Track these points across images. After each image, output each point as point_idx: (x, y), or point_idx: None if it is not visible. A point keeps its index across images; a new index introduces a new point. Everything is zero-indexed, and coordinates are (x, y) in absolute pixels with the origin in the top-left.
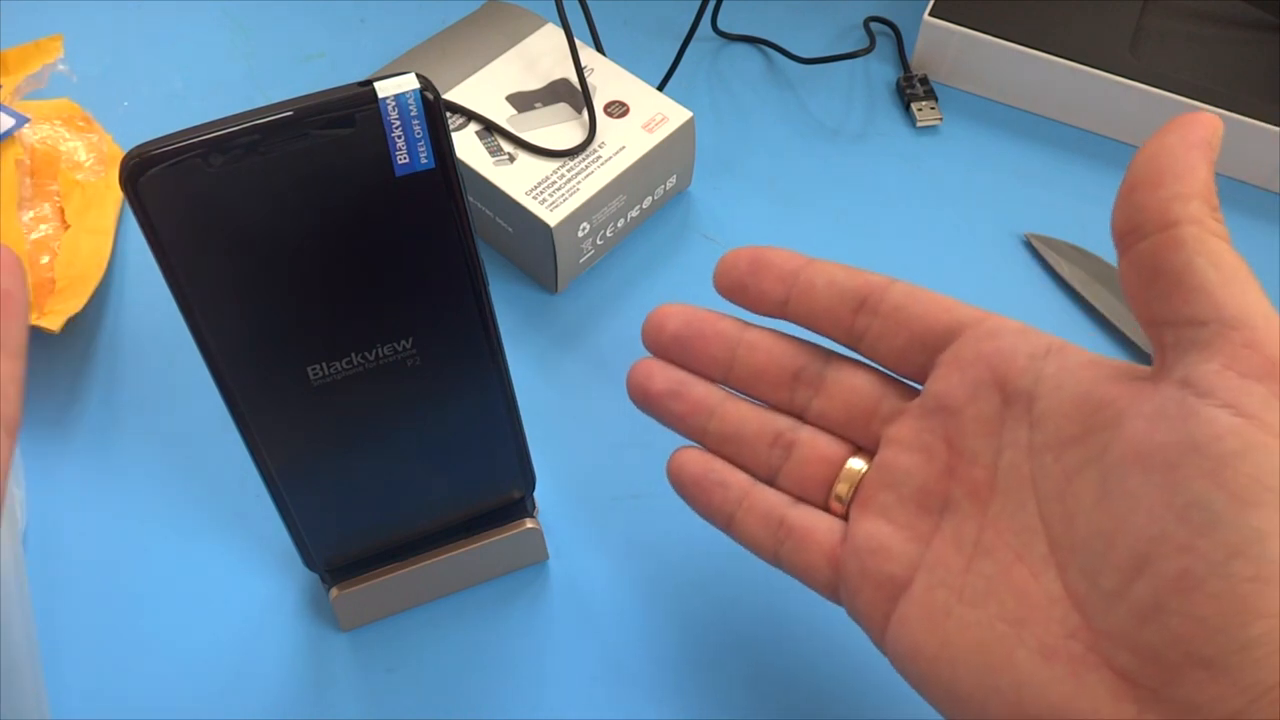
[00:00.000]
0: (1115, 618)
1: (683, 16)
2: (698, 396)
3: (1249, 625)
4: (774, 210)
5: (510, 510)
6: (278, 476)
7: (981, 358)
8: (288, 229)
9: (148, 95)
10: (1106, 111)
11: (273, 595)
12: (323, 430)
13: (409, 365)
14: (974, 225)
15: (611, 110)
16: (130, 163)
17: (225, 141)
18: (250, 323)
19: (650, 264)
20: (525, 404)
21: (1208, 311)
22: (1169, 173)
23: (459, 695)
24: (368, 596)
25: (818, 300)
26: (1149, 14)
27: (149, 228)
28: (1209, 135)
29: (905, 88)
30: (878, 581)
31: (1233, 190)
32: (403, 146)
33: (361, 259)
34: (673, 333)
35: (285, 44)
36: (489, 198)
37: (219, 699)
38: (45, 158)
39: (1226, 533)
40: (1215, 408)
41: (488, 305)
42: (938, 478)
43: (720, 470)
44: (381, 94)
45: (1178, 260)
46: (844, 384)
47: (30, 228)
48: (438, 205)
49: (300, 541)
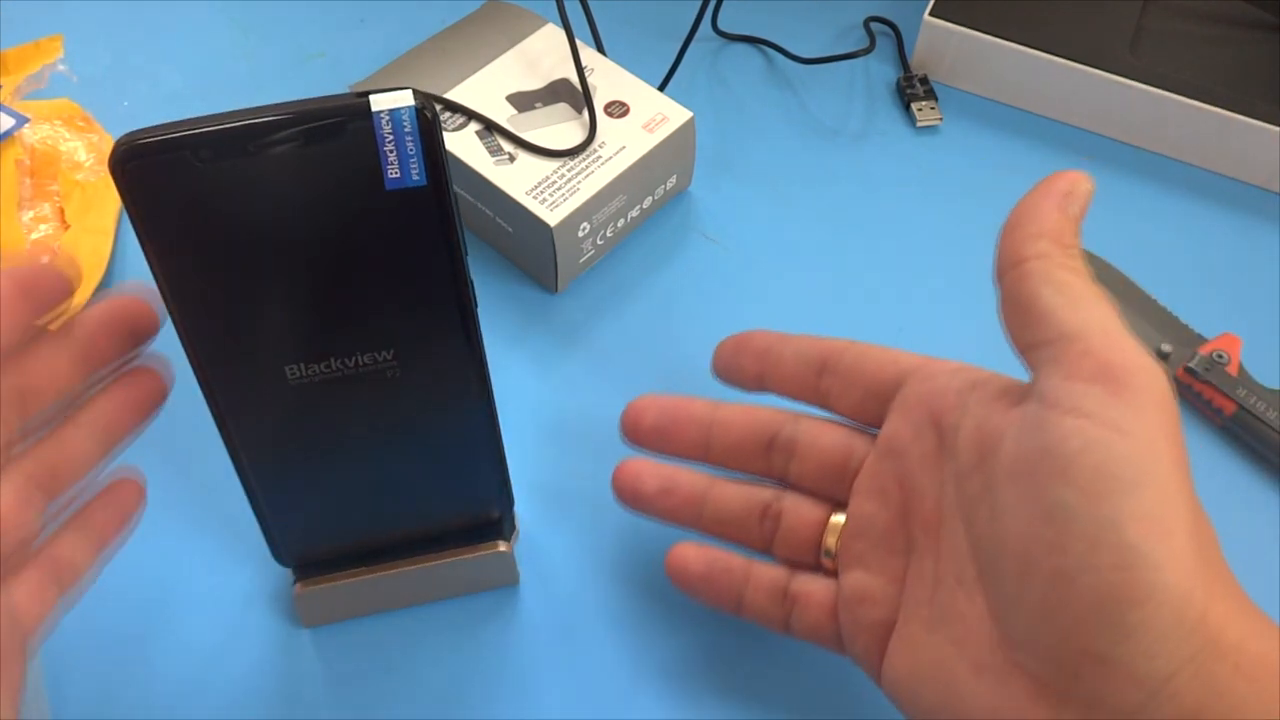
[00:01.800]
0: (1017, 625)
1: (683, 16)
2: (686, 489)
3: (1126, 614)
4: (774, 210)
5: (486, 530)
6: (249, 469)
7: (921, 400)
8: (272, 230)
9: (148, 95)
10: (1106, 111)
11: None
12: (297, 429)
13: (389, 376)
14: (974, 225)
15: (612, 110)
16: (120, 149)
17: (215, 138)
18: (229, 317)
19: (650, 264)
20: (525, 404)
21: (1052, 331)
22: (1025, 218)
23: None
24: (331, 596)
25: (786, 369)
26: (1149, 14)
27: (135, 214)
28: (1069, 187)
29: (905, 88)
30: (867, 627)
31: (1233, 190)
32: (394, 161)
33: (345, 267)
34: (651, 424)
35: (285, 44)
36: (489, 198)
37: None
38: (45, 158)
39: (1084, 526)
40: (1060, 414)
41: (474, 325)
42: (898, 519)
43: (721, 558)
44: (376, 108)
45: (1027, 290)
46: (815, 443)
47: (30, 228)
48: (427, 222)
49: (269, 535)
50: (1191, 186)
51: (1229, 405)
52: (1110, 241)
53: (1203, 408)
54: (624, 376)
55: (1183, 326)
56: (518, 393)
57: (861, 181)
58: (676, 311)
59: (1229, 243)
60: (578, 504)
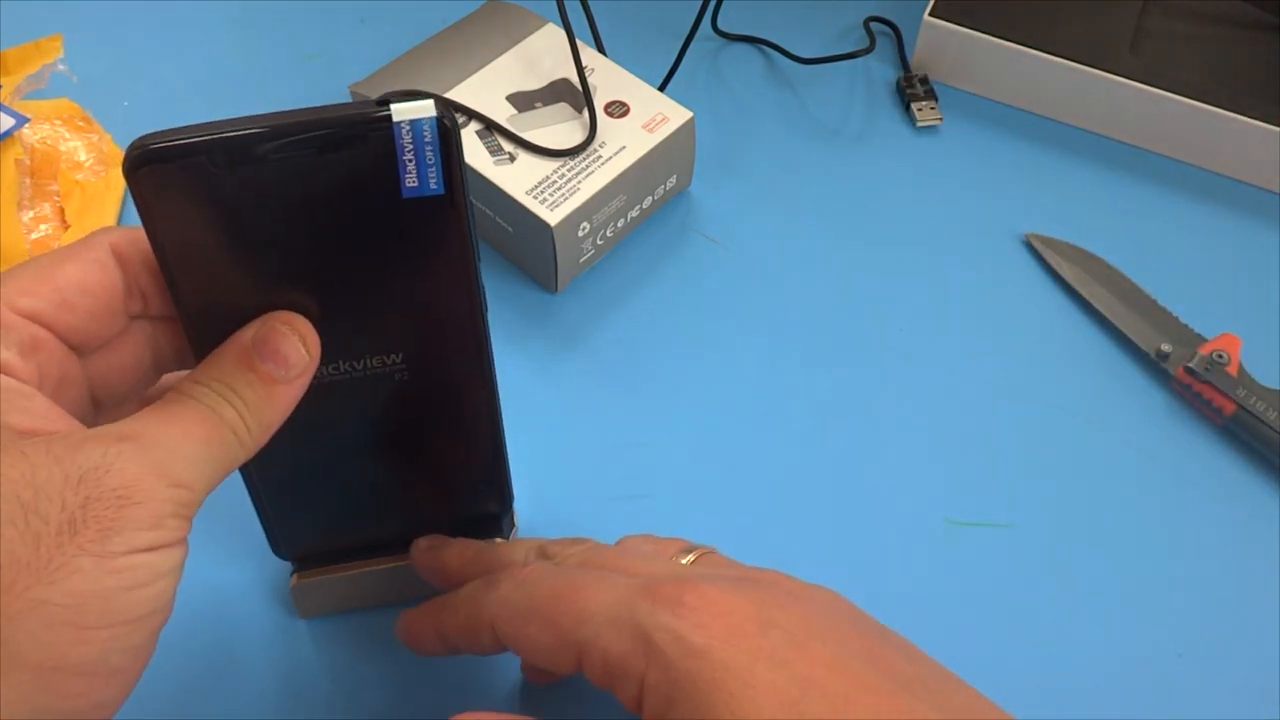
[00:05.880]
0: None
1: (683, 16)
2: None
3: None
4: (774, 210)
5: (485, 526)
6: (251, 464)
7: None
8: (285, 235)
9: (148, 95)
10: (1106, 111)
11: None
12: (301, 428)
13: (396, 378)
14: (974, 225)
15: (612, 110)
16: (134, 153)
17: (232, 144)
18: (239, 321)
19: (650, 264)
20: (525, 404)
21: None
22: None
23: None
24: (328, 588)
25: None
26: (1149, 14)
27: (147, 218)
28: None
29: (905, 88)
30: None
31: (1233, 190)
32: (413, 170)
33: (357, 273)
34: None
35: (285, 44)
36: (489, 197)
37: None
38: (45, 158)
39: None
40: None
41: (484, 332)
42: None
43: None
44: (396, 118)
45: None
46: None
47: (30, 228)
48: (443, 231)
49: (268, 529)
50: (1191, 186)
51: (1229, 405)
52: (1110, 241)
53: (1203, 408)
54: (624, 376)
55: (1183, 326)
56: (517, 392)
57: (861, 181)
58: (676, 311)
59: (1229, 243)
60: (576, 503)
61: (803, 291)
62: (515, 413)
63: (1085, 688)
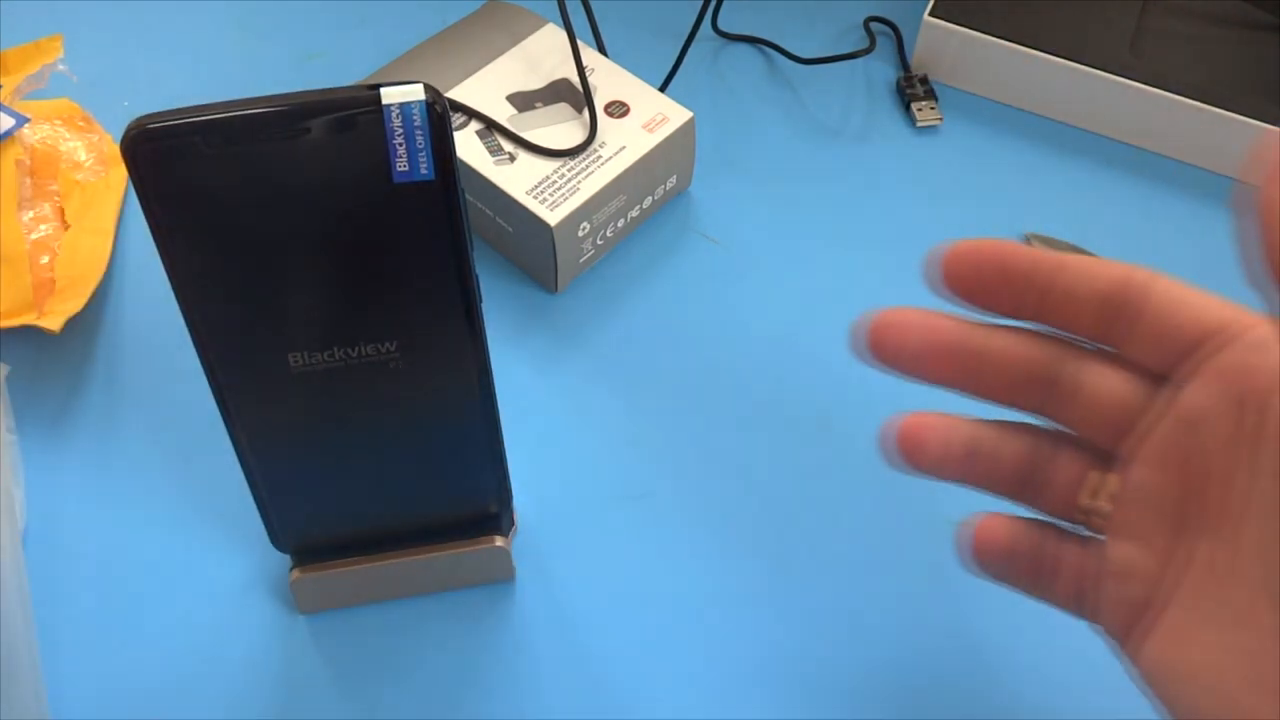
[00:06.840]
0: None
1: (683, 16)
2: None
3: None
4: (774, 210)
5: (483, 524)
6: (249, 453)
7: (1243, 372)
8: (278, 217)
9: (148, 95)
10: (1106, 111)
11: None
12: (298, 416)
13: (391, 367)
14: (974, 225)
15: (612, 110)
16: (132, 132)
17: (227, 124)
18: (234, 302)
19: (650, 264)
20: (524, 404)
21: None
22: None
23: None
24: (327, 583)
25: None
26: (1149, 14)
27: (144, 197)
28: None
29: (905, 88)
30: (1125, 602)
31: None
32: (403, 154)
33: (351, 257)
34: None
35: (285, 44)
36: (489, 197)
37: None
38: (45, 158)
39: None
40: None
41: (478, 320)
42: (1184, 496)
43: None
44: (386, 100)
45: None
46: (1099, 390)
47: (30, 228)
48: (434, 217)
49: (268, 520)
50: (1191, 186)
51: None
52: (1110, 241)
53: None
54: (624, 376)
55: None
56: (517, 392)
57: (861, 181)
58: (676, 311)
59: (1229, 243)
60: (576, 502)
61: (802, 291)
62: (515, 412)
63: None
